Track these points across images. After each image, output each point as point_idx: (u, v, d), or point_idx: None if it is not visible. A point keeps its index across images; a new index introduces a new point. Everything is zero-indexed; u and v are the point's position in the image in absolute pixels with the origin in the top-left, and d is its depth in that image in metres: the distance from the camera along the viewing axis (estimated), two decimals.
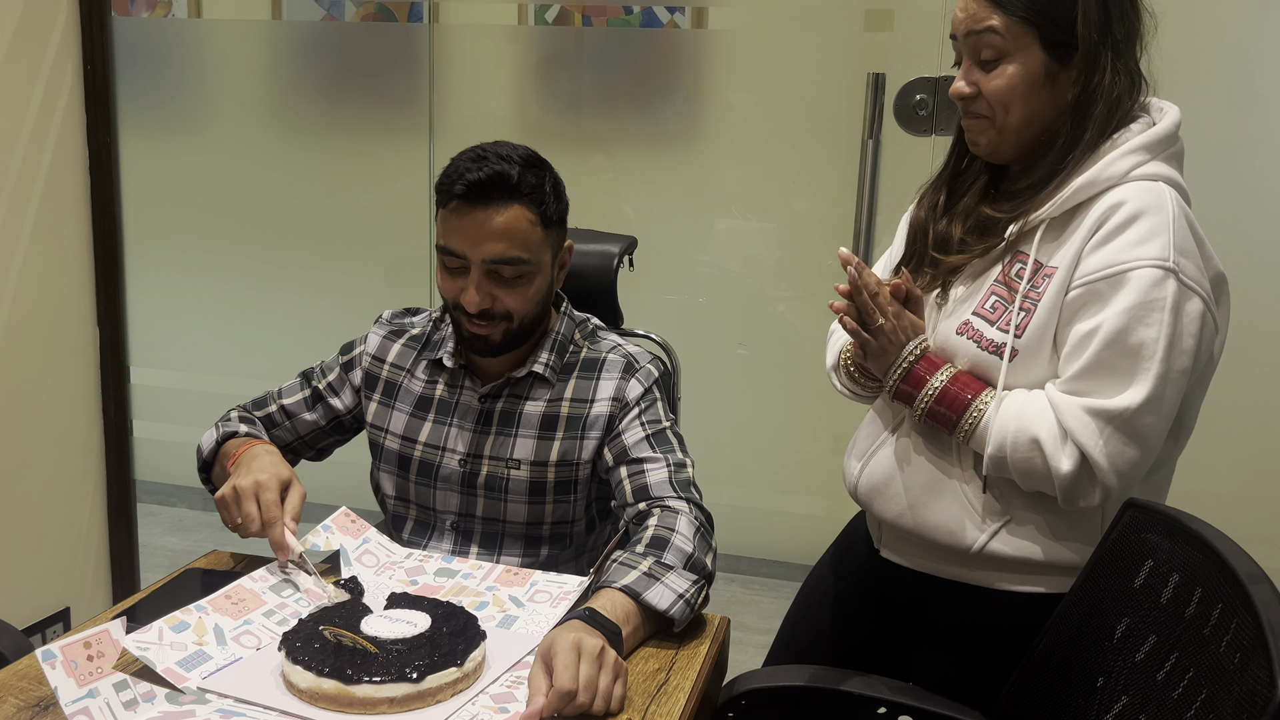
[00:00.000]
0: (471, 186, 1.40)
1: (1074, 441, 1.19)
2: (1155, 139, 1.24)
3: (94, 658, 1.10)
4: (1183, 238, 1.19)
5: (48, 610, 2.45)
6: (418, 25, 3.18)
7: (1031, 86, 1.24)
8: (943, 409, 1.28)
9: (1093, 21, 1.21)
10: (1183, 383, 1.20)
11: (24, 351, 2.31)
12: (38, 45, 2.27)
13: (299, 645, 1.17)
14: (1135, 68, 1.27)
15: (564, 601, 1.34)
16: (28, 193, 2.28)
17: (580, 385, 1.53)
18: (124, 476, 2.58)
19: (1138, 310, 1.17)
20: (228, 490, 1.40)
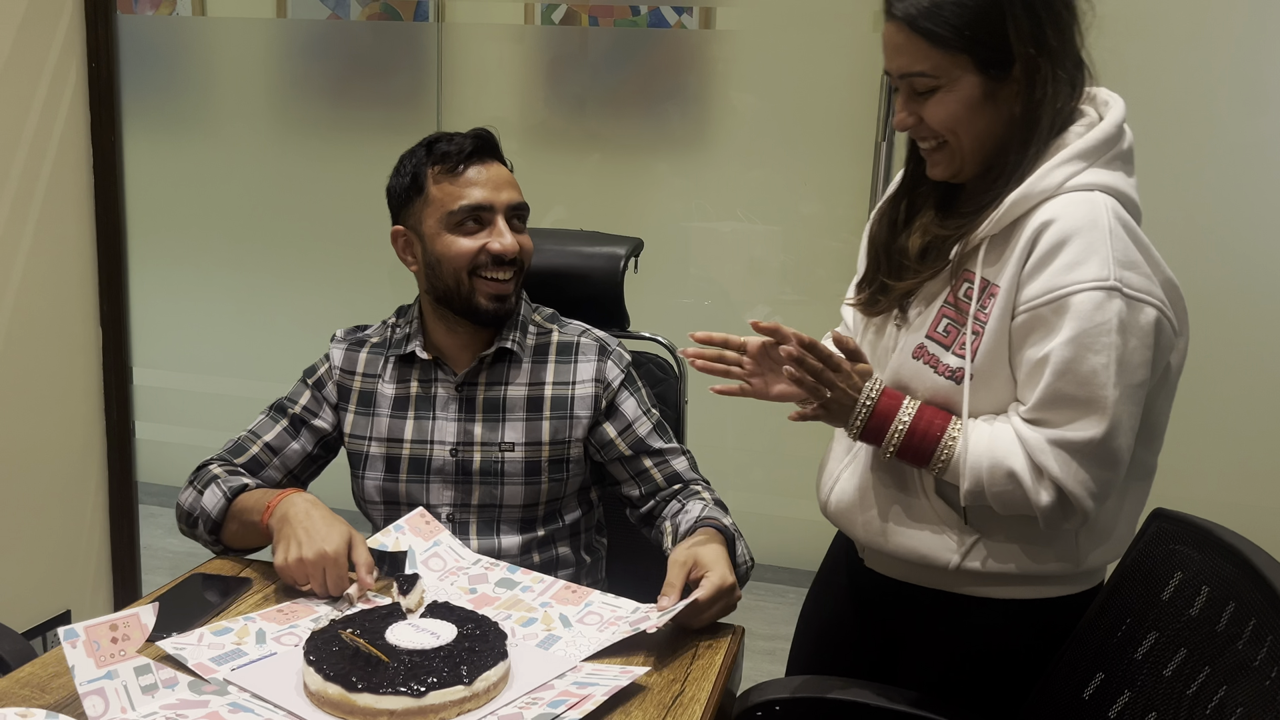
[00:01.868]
0: (478, 143, 1.54)
1: (1049, 476, 1.18)
2: (1092, 145, 1.19)
3: (118, 640, 1.08)
4: (1123, 249, 1.16)
5: (49, 613, 2.42)
6: (423, 24, 3.16)
7: (973, 109, 1.20)
8: (912, 447, 1.25)
9: (1025, 34, 1.17)
10: (1143, 393, 1.19)
11: (26, 351, 2.29)
12: (42, 43, 2.25)
13: (319, 646, 1.17)
14: (1075, 64, 1.23)
15: (612, 626, 1.31)
16: (31, 191, 2.26)
17: (560, 369, 1.59)
18: (126, 478, 2.55)
19: (1083, 338, 1.14)
20: (292, 563, 1.36)
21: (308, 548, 1.36)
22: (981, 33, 1.16)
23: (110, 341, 2.47)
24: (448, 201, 1.52)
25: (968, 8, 1.16)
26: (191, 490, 1.57)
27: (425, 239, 1.54)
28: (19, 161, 2.23)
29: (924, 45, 1.17)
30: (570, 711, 1.11)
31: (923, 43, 1.17)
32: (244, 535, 1.51)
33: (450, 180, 1.52)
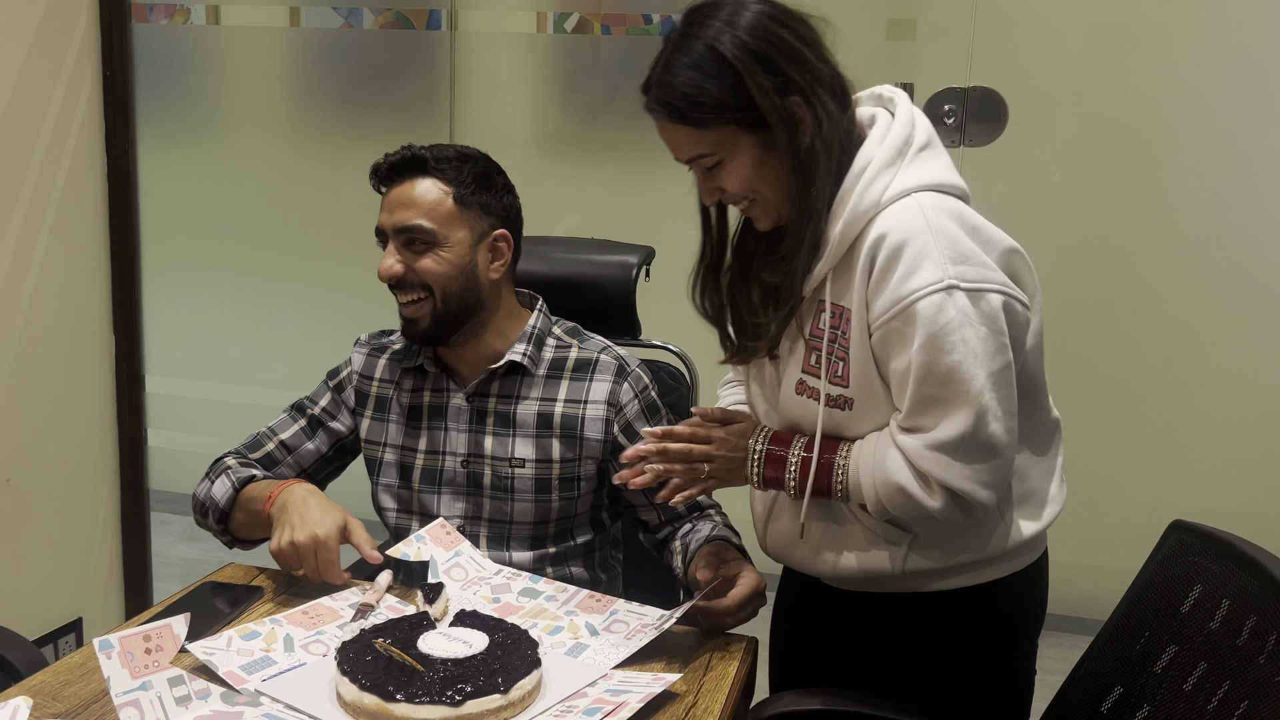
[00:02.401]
0: (391, 165, 1.54)
1: (934, 481, 1.21)
2: (892, 151, 1.23)
3: (152, 651, 1.08)
4: (950, 245, 1.19)
5: (60, 620, 2.42)
6: (436, 33, 3.17)
7: (760, 166, 1.24)
8: (813, 483, 1.29)
9: (767, 87, 1.19)
10: (1009, 374, 1.21)
11: (39, 358, 2.29)
12: (58, 51, 2.26)
13: (352, 656, 1.17)
14: (833, 84, 1.24)
15: (639, 635, 1.31)
16: (46, 198, 2.27)
17: (573, 386, 1.58)
18: (138, 485, 2.55)
19: (933, 341, 1.18)
20: (285, 546, 1.41)
21: (300, 531, 1.40)
22: (732, 101, 1.20)
23: (123, 349, 2.48)
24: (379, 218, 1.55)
25: (710, 84, 1.20)
26: (205, 481, 1.60)
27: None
28: (34, 169, 2.24)
29: (690, 131, 1.23)
30: (607, 719, 1.11)
31: (688, 130, 1.23)
32: (249, 525, 1.54)
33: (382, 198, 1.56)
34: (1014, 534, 1.32)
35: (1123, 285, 2.78)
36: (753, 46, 1.19)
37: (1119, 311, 2.79)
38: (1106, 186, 2.76)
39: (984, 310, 1.19)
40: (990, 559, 1.33)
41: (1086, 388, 2.84)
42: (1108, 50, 2.71)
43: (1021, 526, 1.32)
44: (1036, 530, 1.34)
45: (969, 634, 1.37)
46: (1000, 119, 2.61)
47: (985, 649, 1.38)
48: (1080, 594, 2.95)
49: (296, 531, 1.40)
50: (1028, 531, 1.33)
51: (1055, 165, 2.74)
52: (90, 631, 2.49)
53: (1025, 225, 2.74)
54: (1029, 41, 2.70)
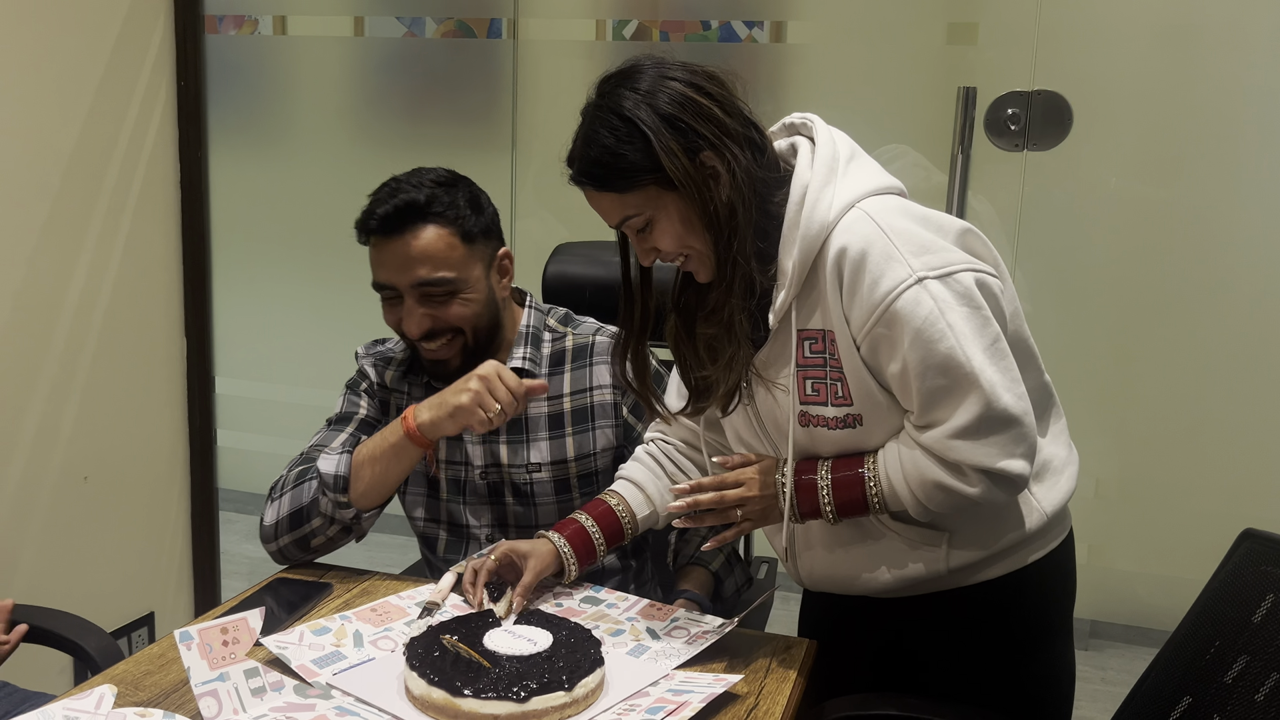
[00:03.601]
0: (384, 219, 1.47)
1: (966, 466, 1.22)
2: (824, 172, 1.24)
3: (229, 643, 1.12)
4: (907, 239, 1.21)
5: (133, 614, 2.49)
6: (497, 41, 3.21)
7: (687, 223, 1.26)
8: (846, 503, 1.29)
9: (673, 149, 1.22)
10: (1002, 344, 1.23)
11: (115, 361, 2.36)
12: (135, 63, 2.33)
13: (420, 652, 1.19)
14: (743, 135, 1.25)
15: (700, 640, 1.32)
16: (123, 205, 2.34)
17: (576, 376, 1.58)
18: (208, 485, 2.62)
19: (921, 335, 1.19)
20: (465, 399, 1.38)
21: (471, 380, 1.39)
22: (645, 163, 1.23)
23: (194, 351, 2.54)
24: (372, 269, 1.52)
25: (625, 149, 1.23)
26: (280, 497, 1.52)
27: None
28: (112, 177, 2.31)
29: (614, 196, 1.26)
30: (669, 718, 1.12)
31: (612, 195, 1.26)
32: (385, 467, 1.45)
33: (370, 251, 1.52)
34: (1042, 508, 1.34)
35: (1189, 290, 2.73)
36: (660, 109, 1.22)
37: (1185, 316, 2.74)
38: (1173, 190, 2.71)
39: (958, 291, 1.20)
40: (1025, 540, 1.35)
41: (1150, 393, 2.79)
42: (1175, 52, 2.66)
43: (1046, 498, 1.35)
44: (1061, 499, 1.36)
45: (1012, 619, 1.38)
46: (1065, 123, 2.57)
47: (1029, 633, 1.39)
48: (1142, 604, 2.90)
49: (469, 381, 1.39)
50: (1054, 502, 1.35)
51: (1120, 169, 2.70)
52: (161, 625, 2.56)
53: (1090, 229, 2.72)
54: (1094, 43, 2.66)
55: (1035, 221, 2.63)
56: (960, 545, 1.33)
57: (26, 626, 1.41)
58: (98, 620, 1.62)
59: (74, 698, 1.10)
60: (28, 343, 2.18)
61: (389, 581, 1.52)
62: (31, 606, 1.60)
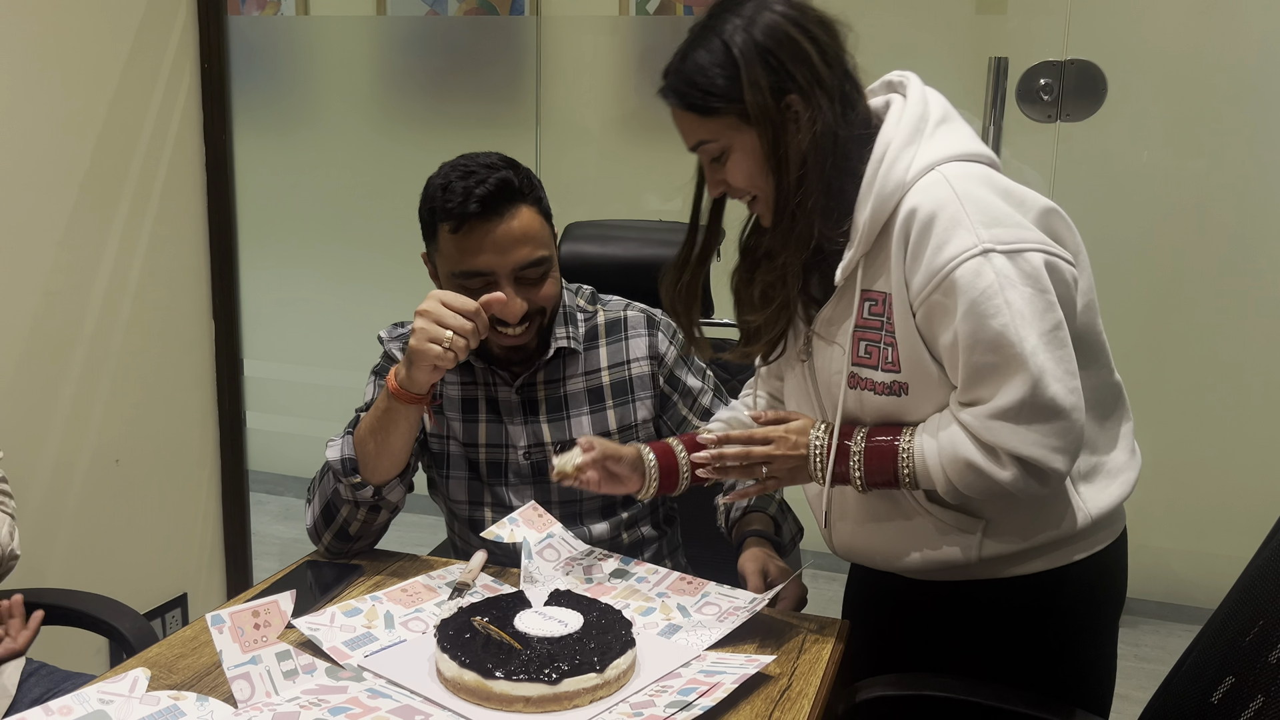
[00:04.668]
0: (485, 200, 1.40)
1: (1001, 450, 1.18)
2: (907, 131, 1.22)
3: (260, 626, 1.12)
4: (981, 209, 1.17)
5: (166, 595, 2.52)
6: (520, 18, 3.19)
7: (760, 161, 1.24)
8: (876, 474, 1.28)
9: (760, 84, 1.20)
10: (1063, 333, 1.18)
11: (144, 345, 2.38)
12: (158, 46, 2.33)
13: (451, 634, 1.19)
14: (836, 88, 1.22)
15: (731, 617, 1.31)
16: (149, 190, 2.34)
17: (612, 350, 1.59)
18: (238, 466, 2.63)
19: (976, 307, 1.16)
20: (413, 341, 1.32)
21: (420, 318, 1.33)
22: (731, 92, 1.21)
23: (222, 334, 2.55)
24: (454, 261, 1.44)
25: (715, 74, 1.21)
26: (313, 498, 1.51)
27: (441, 280, 1.50)
28: (137, 161, 2.31)
29: (694, 118, 1.25)
30: (702, 699, 1.11)
31: (693, 116, 1.25)
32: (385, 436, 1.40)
33: (452, 233, 1.43)
34: (1087, 509, 1.29)
35: (1225, 261, 2.68)
36: (757, 41, 1.20)
37: (1221, 288, 2.69)
38: (1209, 160, 2.66)
39: (1024, 270, 1.16)
40: (1066, 539, 1.30)
41: (1186, 368, 2.75)
42: (1211, 19, 2.61)
43: (1093, 500, 1.30)
44: (1110, 504, 1.31)
45: (1049, 618, 1.34)
46: (1099, 92, 2.53)
47: (1066, 632, 1.36)
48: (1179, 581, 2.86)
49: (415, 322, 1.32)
50: (1101, 505, 1.30)
51: (1155, 139, 2.65)
52: (194, 606, 2.59)
53: (1125, 199, 2.67)
54: (1129, 11, 2.61)
55: (1069, 192, 2.59)
56: (995, 535, 1.30)
57: (43, 612, 1.41)
58: (132, 601, 1.63)
59: (108, 681, 1.11)
60: (58, 328, 2.19)
61: (419, 562, 1.52)
62: (67, 590, 1.61)
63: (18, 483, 1.65)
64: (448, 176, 1.45)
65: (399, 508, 1.53)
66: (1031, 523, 1.29)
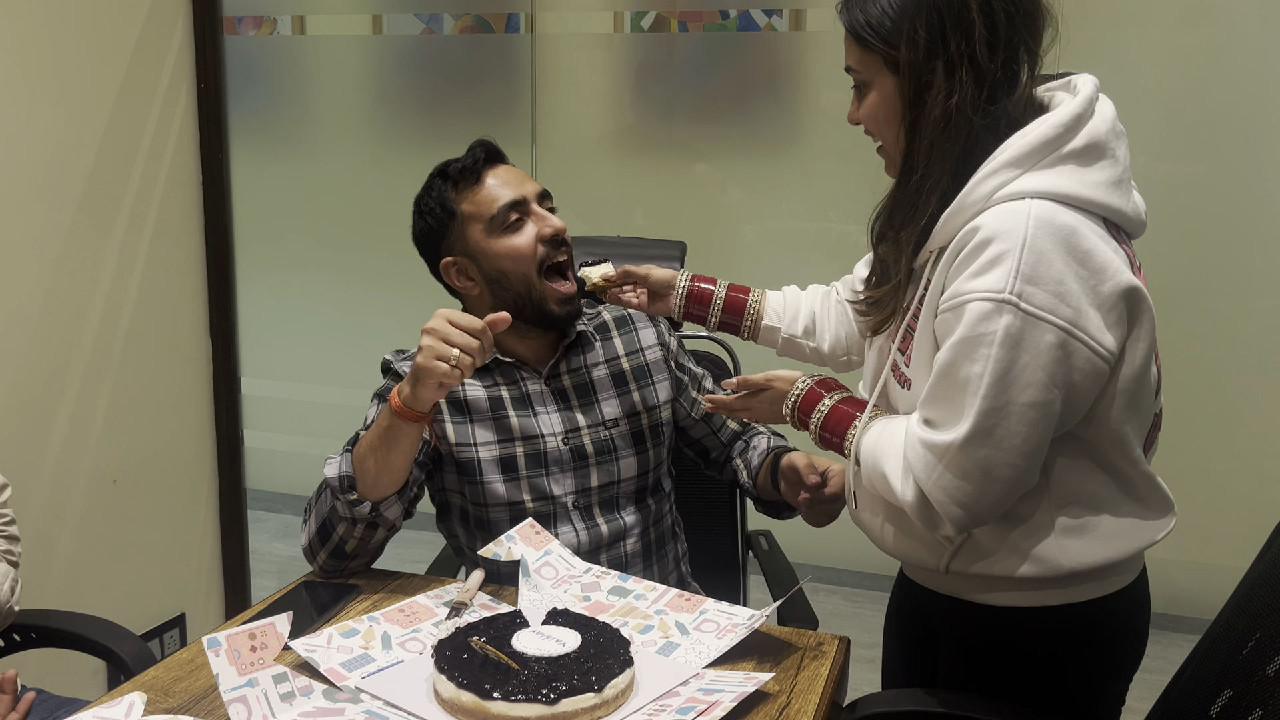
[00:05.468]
0: (489, 150, 1.60)
1: (911, 473, 1.20)
2: (1025, 150, 1.17)
3: (257, 649, 1.12)
4: (1035, 261, 1.12)
5: (164, 616, 2.51)
6: (515, 36, 3.20)
7: (890, 109, 1.23)
8: (830, 434, 1.34)
9: (917, 38, 1.18)
10: (1035, 414, 1.14)
11: (142, 363, 2.38)
12: (155, 66, 2.33)
13: (448, 654, 1.19)
14: (988, 76, 1.18)
15: (729, 634, 1.31)
16: (146, 208, 2.35)
17: (626, 340, 1.69)
18: (235, 485, 2.63)
19: (964, 345, 1.14)
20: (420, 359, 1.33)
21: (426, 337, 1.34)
22: (890, 35, 1.20)
23: (220, 352, 2.55)
24: (484, 209, 1.55)
25: (885, 12, 1.20)
26: (309, 517, 1.51)
27: (479, 255, 1.56)
28: (134, 180, 2.32)
29: (853, 43, 1.24)
30: (701, 718, 1.11)
31: (853, 41, 1.24)
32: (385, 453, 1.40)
33: (475, 191, 1.57)
34: (1059, 560, 1.24)
35: (1218, 273, 2.69)
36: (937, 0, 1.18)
37: (1215, 298, 2.70)
38: (1201, 172, 2.67)
39: (1031, 340, 1.12)
40: (1039, 579, 1.26)
41: (1180, 376, 2.75)
42: (1204, 34, 2.62)
43: (1071, 552, 1.24)
44: (1091, 562, 1.25)
45: (1035, 656, 1.31)
46: None
47: (1050, 676, 1.32)
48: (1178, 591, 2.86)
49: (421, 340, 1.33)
50: (1080, 560, 1.24)
51: (1147, 152, 2.66)
52: (193, 626, 2.58)
53: None
54: (1118, 26, 2.62)
55: None
56: (966, 553, 1.28)
57: (34, 694, 1.39)
58: (129, 622, 1.63)
59: (104, 705, 1.10)
60: (55, 347, 2.19)
61: (416, 580, 1.52)
62: (64, 612, 1.61)
63: (15, 503, 1.65)
64: (437, 169, 1.61)
65: (396, 527, 1.53)
66: (997, 546, 1.26)
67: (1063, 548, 1.24)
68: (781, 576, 1.85)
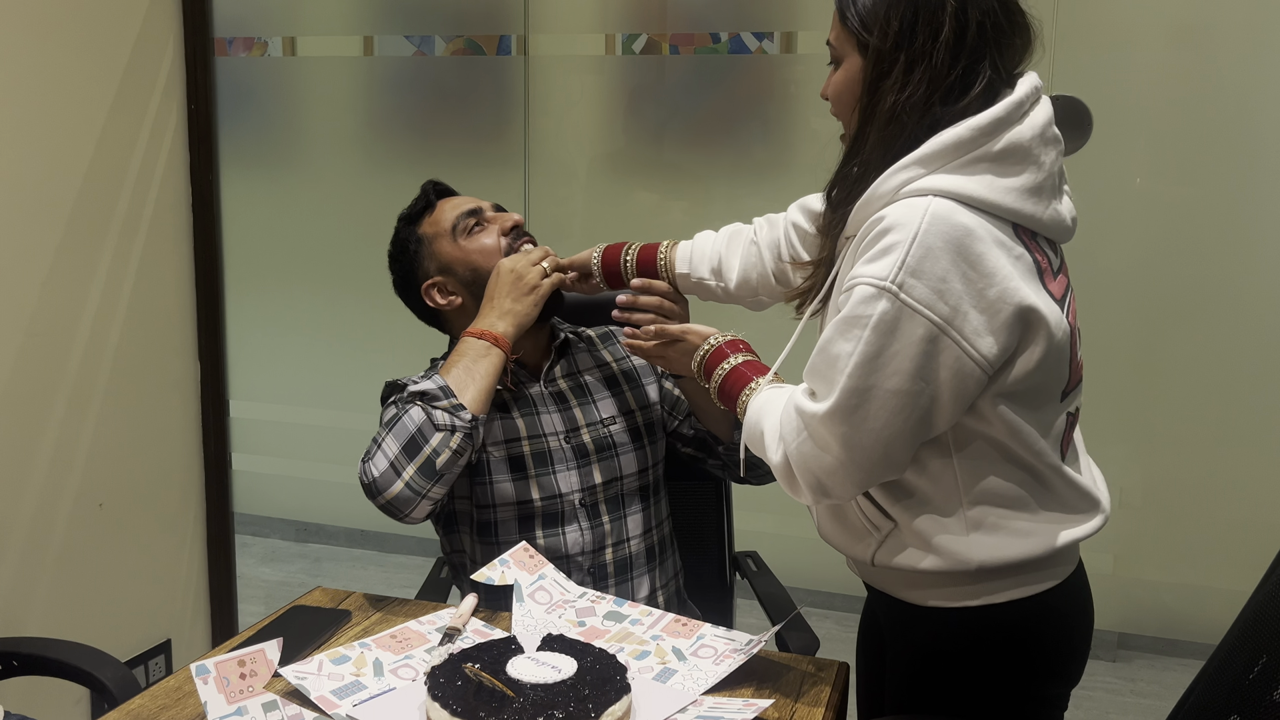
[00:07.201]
0: (439, 186, 1.72)
1: (782, 438, 1.25)
2: (937, 149, 1.18)
3: (246, 676, 1.10)
4: (922, 256, 1.14)
5: (150, 642, 2.47)
6: (507, 58, 3.20)
7: (851, 90, 1.25)
8: (725, 393, 1.39)
9: (890, 30, 1.19)
10: (899, 402, 1.16)
11: (128, 386, 2.35)
12: (145, 87, 2.32)
13: (442, 681, 1.17)
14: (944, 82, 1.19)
15: (727, 660, 1.29)
16: (135, 230, 2.33)
17: (611, 350, 1.77)
18: (223, 509, 2.60)
19: (843, 324, 1.19)
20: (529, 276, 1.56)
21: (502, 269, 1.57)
22: (866, 17, 1.21)
23: (208, 375, 2.53)
24: (443, 223, 1.66)
25: None
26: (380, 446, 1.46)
27: (453, 264, 1.64)
28: (123, 201, 2.30)
29: (837, 19, 1.26)
30: None
31: (836, 17, 1.26)
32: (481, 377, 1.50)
33: (432, 215, 1.68)
34: (968, 555, 1.24)
35: (1213, 293, 2.69)
36: None
37: (1210, 318, 2.70)
38: (1195, 193, 2.68)
39: (903, 330, 1.14)
40: (954, 575, 1.25)
41: (1175, 397, 2.75)
42: (1192, 53, 2.64)
43: (980, 548, 1.24)
44: (999, 559, 1.24)
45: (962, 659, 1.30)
46: (1084, 127, 2.55)
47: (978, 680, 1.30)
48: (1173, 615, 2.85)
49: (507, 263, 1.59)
50: (986, 556, 1.24)
51: (1141, 172, 2.67)
52: (178, 653, 2.54)
53: (1112, 233, 2.68)
54: (1113, 46, 2.64)
55: None
56: (890, 543, 1.28)
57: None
58: (114, 648, 1.60)
59: None
60: (41, 369, 2.17)
61: (408, 606, 1.50)
62: (47, 639, 1.58)
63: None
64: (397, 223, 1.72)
65: (473, 456, 1.55)
66: (921, 543, 1.26)
67: (971, 543, 1.25)
68: (776, 599, 1.83)
